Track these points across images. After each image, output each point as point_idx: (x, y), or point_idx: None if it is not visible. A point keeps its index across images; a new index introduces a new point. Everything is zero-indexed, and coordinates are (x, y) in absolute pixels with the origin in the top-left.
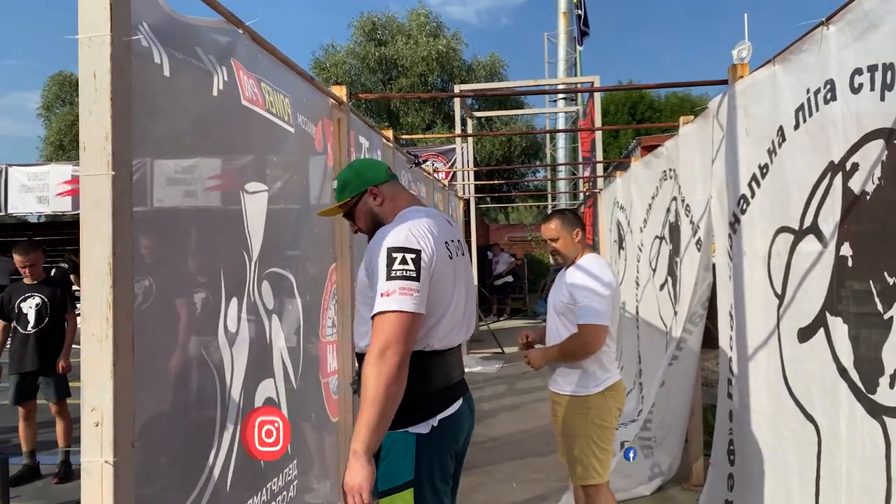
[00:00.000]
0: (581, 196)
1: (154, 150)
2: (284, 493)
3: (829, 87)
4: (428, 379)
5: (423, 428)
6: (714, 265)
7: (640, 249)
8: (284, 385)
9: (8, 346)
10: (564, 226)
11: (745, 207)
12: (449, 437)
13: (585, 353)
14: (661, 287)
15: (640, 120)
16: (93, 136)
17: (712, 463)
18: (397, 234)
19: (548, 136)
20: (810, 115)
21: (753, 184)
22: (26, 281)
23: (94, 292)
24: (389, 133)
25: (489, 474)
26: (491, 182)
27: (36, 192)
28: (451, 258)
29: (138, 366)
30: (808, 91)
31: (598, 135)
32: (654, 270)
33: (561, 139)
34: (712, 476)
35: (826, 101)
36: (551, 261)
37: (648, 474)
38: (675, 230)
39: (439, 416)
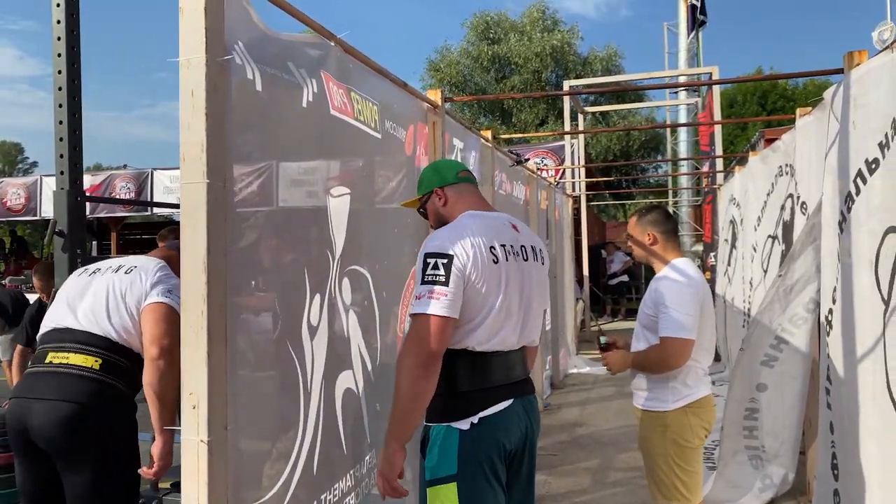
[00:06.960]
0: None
1: (247, 159)
2: (367, 480)
3: None
4: (468, 378)
5: (464, 424)
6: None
7: (755, 249)
8: (363, 377)
9: None
10: (637, 225)
11: (850, 205)
12: (493, 437)
13: (666, 367)
14: None
15: (770, 111)
16: (190, 148)
17: (817, 478)
18: (435, 240)
19: (668, 129)
20: None
21: (859, 180)
22: None
23: (191, 288)
24: (488, 133)
25: (591, 474)
26: (606, 179)
27: (177, 193)
28: (496, 262)
29: (236, 356)
30: None
31: (718, 128)
32: (766, 272)
33: (682, 132)
34: (818, 492)
35: None
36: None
37: (759, 485)
38: (788, 230)
39: (480, 415)
